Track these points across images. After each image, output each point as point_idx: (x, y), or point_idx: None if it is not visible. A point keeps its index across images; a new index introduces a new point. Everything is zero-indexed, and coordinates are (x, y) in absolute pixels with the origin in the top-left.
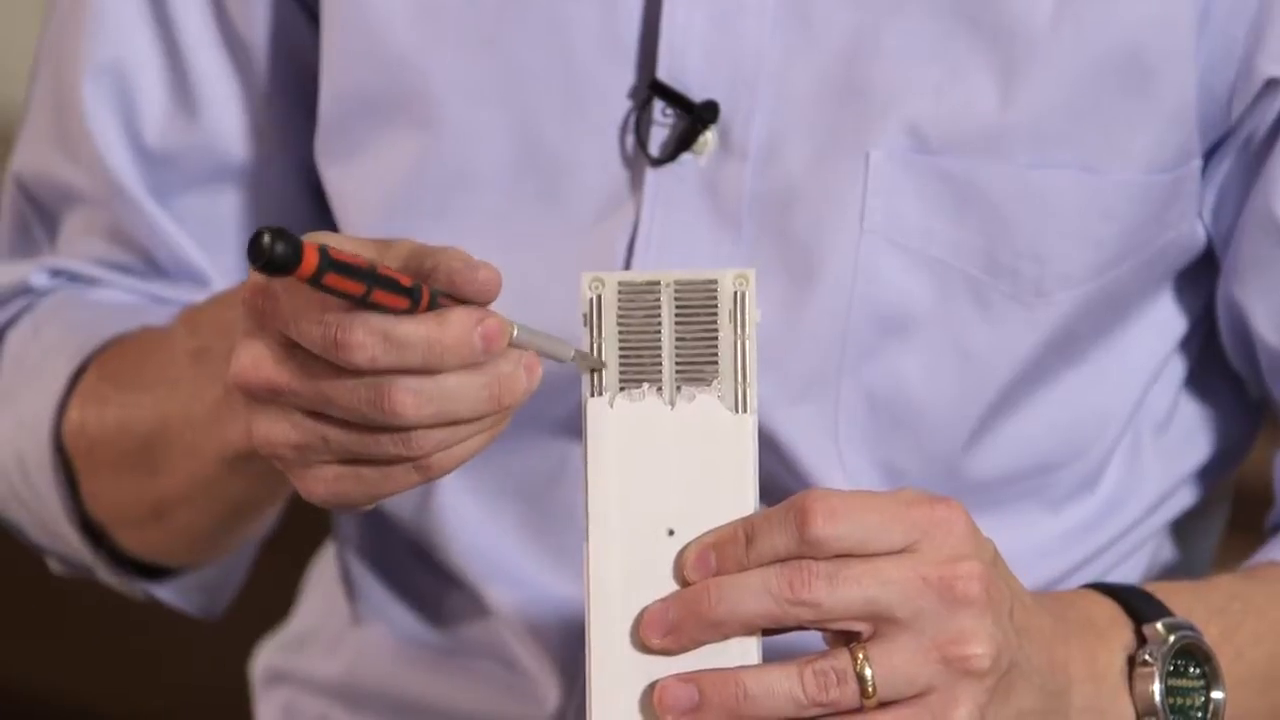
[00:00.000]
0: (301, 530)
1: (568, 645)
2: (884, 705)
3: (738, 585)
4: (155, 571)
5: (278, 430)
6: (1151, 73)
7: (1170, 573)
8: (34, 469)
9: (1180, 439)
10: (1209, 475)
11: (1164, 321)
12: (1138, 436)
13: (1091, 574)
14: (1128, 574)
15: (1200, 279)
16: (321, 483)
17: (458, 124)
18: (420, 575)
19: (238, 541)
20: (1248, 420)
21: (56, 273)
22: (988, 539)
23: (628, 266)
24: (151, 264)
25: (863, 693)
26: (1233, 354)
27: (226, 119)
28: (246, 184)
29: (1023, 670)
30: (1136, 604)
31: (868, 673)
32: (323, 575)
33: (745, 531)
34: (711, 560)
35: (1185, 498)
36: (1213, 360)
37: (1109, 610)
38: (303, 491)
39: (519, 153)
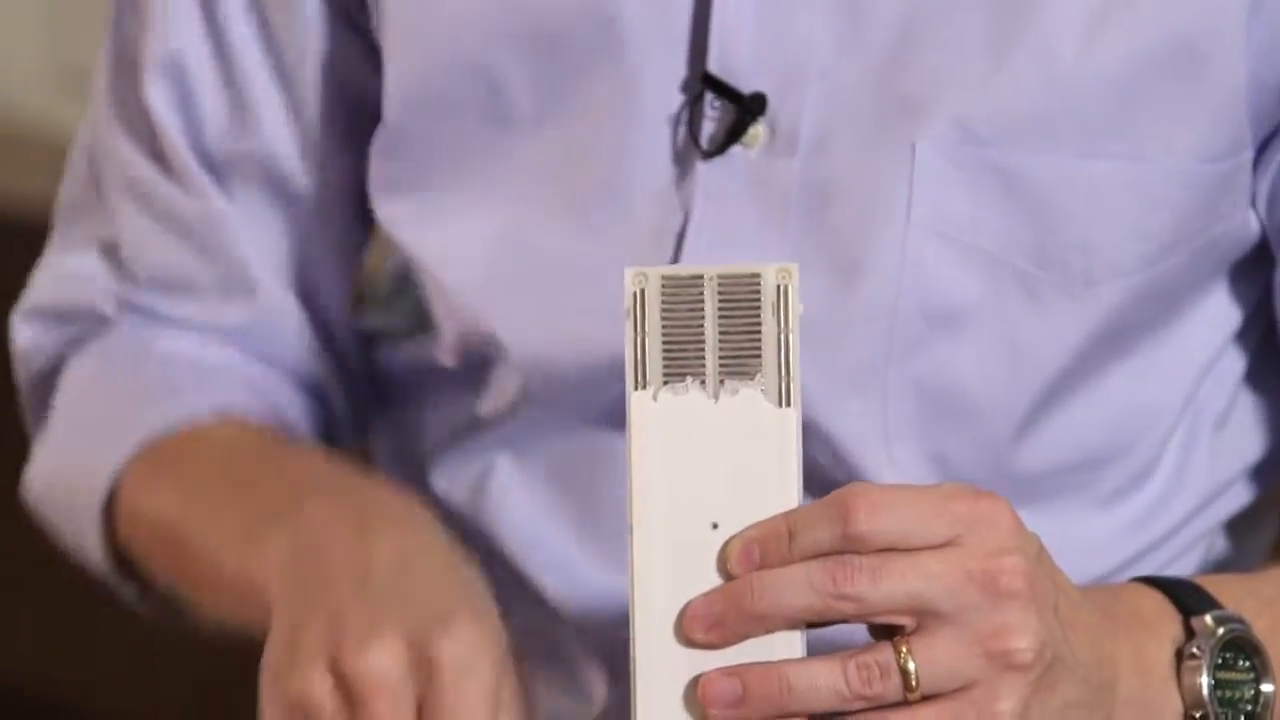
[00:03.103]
0: None
1: (613, 635)
2: (927, 699)
3: (780, 579)
4: None
5: None
6: (1201, 61)
7: (1224, 570)
8: (81, 511)
9: (1237, 436)
10: (1265, 473)
11: (1217, 315)
12: (1193, 432)
13: (1143, 569)
14: (1181, 571)
15: (1256, 273)
16: None
17: (526, 119)
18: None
19: None
20: None
21: (122, 304)
22: (1032, 533)
23: (677, 257)
24: (203, 263)
25: (906, 686)
26: None
27: (278, 131)
28: (297, 201)
29: (1067, 664)
30: (1185, 597)
31: (911, 666)
32: None
33: (788, 525)
34: (755, 554)
35: (1240, 495)
36: (1270, 357)
37: (1157, 603)
38: None
39: (576, 145)
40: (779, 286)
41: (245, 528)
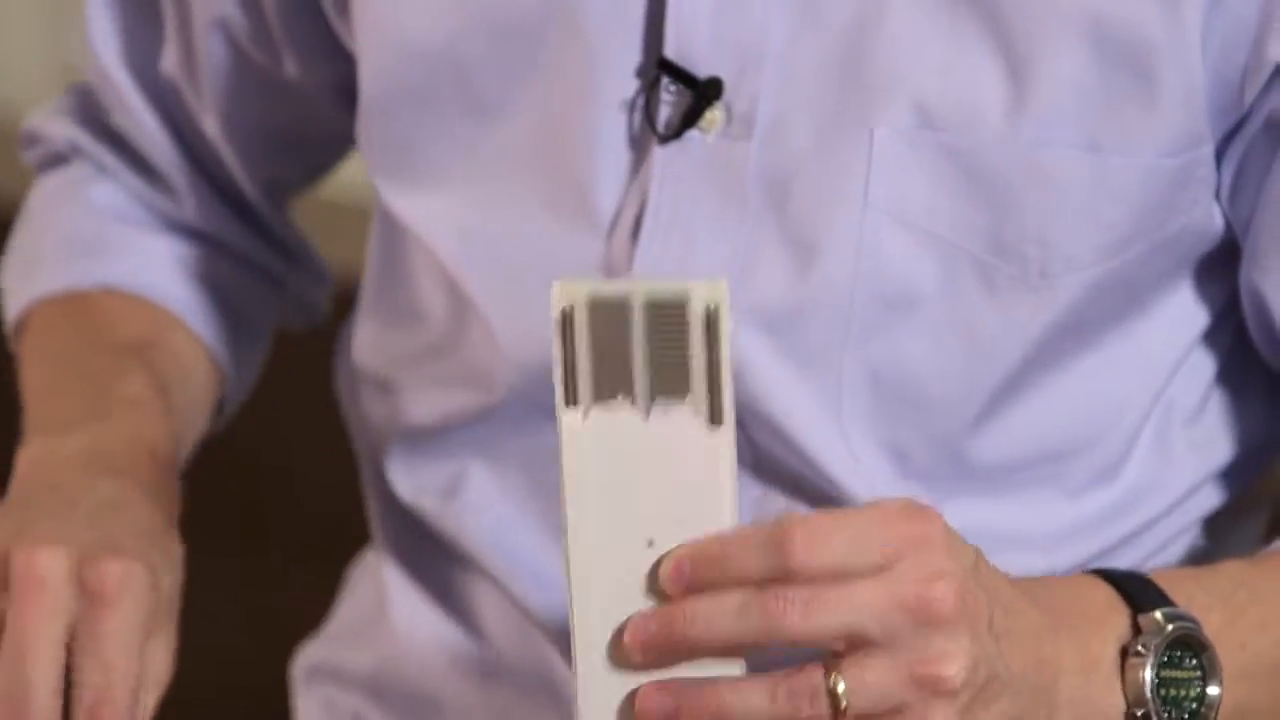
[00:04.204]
0: (334, 543)
1: None
2: None
3: (713, 608)
4: None
5: None
6: (1156, 55)
7: None
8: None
9: (1211, 433)
10: (1241, 472)
11: (1185, 313)
12: (1165, 428)
13: (1118, 562)
14: (1160, 566)
15: (1225, 271)
16: None
17: (496, 110)
18: (445, 569)
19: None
20: None
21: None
22: (968, 545)
23: (635, 242)
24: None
25: (835, 709)
26: (1260, 345)
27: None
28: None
29: (1002, 679)
30: (1135, 591)
31: (841, 689)
32: (362, 574)
33: (724, 549)
34: (686, 570)
35: (1217, 493)
36: (1246, 355)
37: (1106, 597)
38: None
39: (542, 134)
40: (709, 303)
41: (34, 421)
